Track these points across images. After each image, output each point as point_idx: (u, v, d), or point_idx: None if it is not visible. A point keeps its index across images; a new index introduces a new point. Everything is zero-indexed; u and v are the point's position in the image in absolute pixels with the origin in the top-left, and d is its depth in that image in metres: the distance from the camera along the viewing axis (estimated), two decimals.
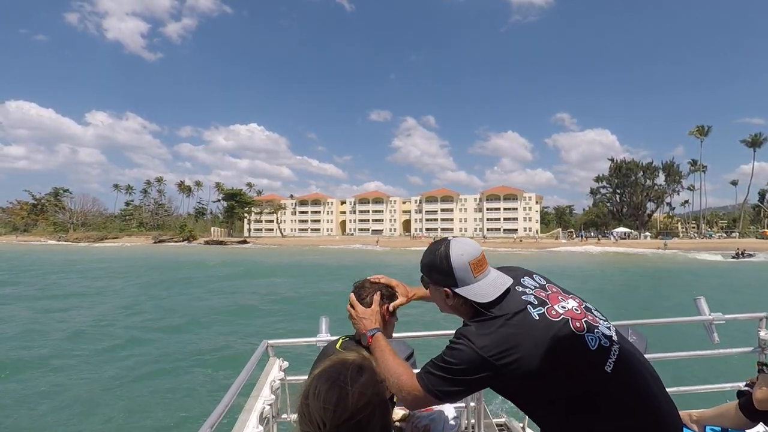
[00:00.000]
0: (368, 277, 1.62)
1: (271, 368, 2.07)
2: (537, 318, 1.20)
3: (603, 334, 1.23)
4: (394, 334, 2.12)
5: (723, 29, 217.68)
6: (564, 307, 1.25)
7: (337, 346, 1.54)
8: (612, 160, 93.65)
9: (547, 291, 1.31)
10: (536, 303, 1.24)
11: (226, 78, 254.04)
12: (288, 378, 2.09)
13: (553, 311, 1.22)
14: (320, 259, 43.18)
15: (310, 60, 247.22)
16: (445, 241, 1.33)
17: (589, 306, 1.32)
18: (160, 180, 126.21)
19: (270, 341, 2.16)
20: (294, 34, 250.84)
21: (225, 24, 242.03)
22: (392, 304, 1.57)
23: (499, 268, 1.39)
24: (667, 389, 1.27)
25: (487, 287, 1.26)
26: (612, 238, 77.10)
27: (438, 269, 1.30)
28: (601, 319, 1.30)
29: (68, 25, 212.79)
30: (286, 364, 2.15)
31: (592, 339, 1.20)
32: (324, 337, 2.13)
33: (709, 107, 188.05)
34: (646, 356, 2.23)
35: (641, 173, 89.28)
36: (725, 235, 79.80)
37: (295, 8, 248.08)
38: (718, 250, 51.60)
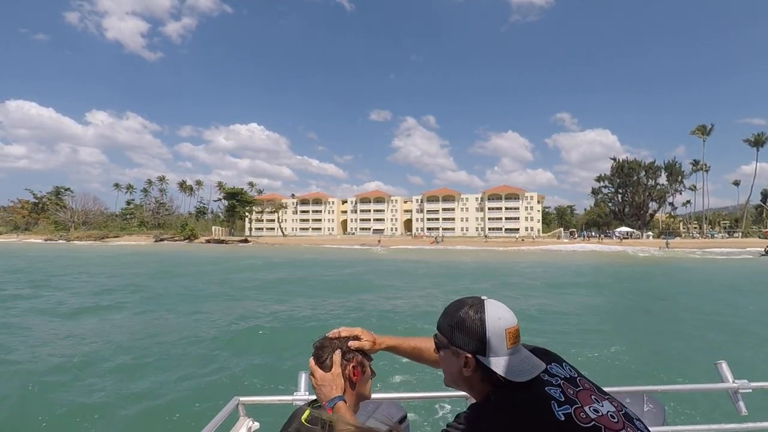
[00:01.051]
0: (327, 334, 1.39)
1: (239, 431, 1.82)
2: (561, 419, 0.95)
3: None
4: (385, 394, 1.93)
5: (723, 30, 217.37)
6: (597, 411, 0.99)
7: (303, 418, 1.28)
8: (614, 159, 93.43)
9: (578, 386, 1.06)
10: (562, 399, 0.99)
11: (226, 78, 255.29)
12: None
13: (582, 414, 0.97)
14: (322, 257, 42.96)
15: (310, 59, 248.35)
16: (478, 301, 1.11)
17: (630, 414, 1.04)
18: (162, 179, 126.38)
19: (242, 398, 1.89)
20: (294, 34, 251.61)
21: (225, 24, 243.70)
22: (351, 343, 1.33)
23: (525, 346, 1.16)
24: None
25: (521, 364, 1.04)
26: (614, 237, 76.98)
27: (466, 330, 1.08)
28: None
29: (68, 25, 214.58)
30: (256, 425, 1.90)
31: None
32: (302, 395, 1.86)
33: (709, 107, 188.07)
34: (665, 428, 2.04)
35: (643, 173, 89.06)
36: (727, 235, 79.59)
37: (295, 8, 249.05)
38: (723, 249, 51.50)
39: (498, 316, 1.06)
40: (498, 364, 1.02)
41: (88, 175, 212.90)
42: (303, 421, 1.28)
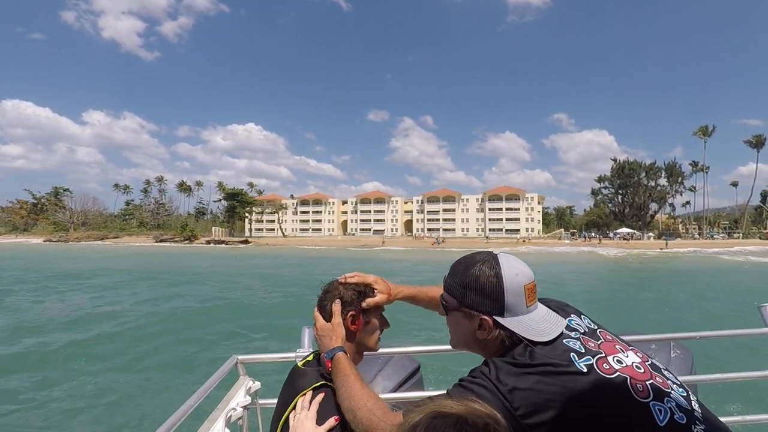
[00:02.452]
0: (338, 278, 1.30)
1: (237, 391, 1.71)
2: (583, 370, 0.88)
3: (678, 405, 0.88)
4: (396, 349, 1.85)
5: (719, 31, 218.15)
6: (621, 362, 0.92)
7: (300, 363, 1.28)
8: (615, 160, 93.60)
9: (599, 338, 0.99)
10: (583, 351, 0.93)
11: (224, 77, 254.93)
12: (259, 401, 1.74)
13: (605, 364, 0.90)
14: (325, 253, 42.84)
15: (308, 59, 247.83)
16: (491, 256, 1.02)
17: (657, 364, 0.97)
18: (160, 179, 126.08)
19: (240, 357, 1.79)
20: (291, 34, 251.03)
21: (222, 23, 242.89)
22: (367, 301, 1.24)
23: (541, 300, 1.09)
24: (725, 419, 0.99)
25: (542, 322, 0.98)
26: (615, 238, 77.11)
27: (480, 289, 0.98)
28: (674, 383, 0.94)
29: (64, 24, 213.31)
30: (257, 384, 1.78)
31: (661, 410, 0.85)
32: (306, 352, 1.71)
33: (706, 109, 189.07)
34: (694, 377, 1.96)
35: (644, 174, 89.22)
36: (727, 236, 79.80)
37: (293, 7, 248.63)
38: (724, 249, 51.67)
39: (515, 272, 0.98)
40: (518, 325, 0.96)
41: (85, 175, 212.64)
42: (299, 365, 1.26)
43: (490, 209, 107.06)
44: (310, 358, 1.29)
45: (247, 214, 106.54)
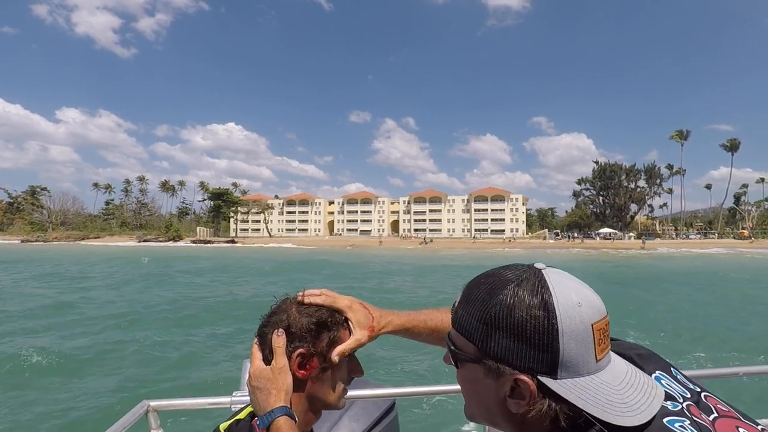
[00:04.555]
0: (299, 293, 0.88)
1: None
2: None
3: None
4: (362, 391, 1.34)
5: (692, 40, 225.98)
6: None
7: (223, 427, 0.86)
8: (596, 162, 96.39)
9: (710, 410, 0.62)
10: None
11: (204, 76, 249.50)
12: None
13: None
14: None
15: (289, 59, 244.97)
16: (533, 273, 0.63)
17: None
18: (142, 179, 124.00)
19: (153, 402, 1.30)
20: (272, 33, 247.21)
21: (201, 21, 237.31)
22: (336, 352, 0.84)
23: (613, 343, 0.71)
24: None
25: (627, 390, 0.59)
26: (597, 238, 79.50)
27: (516, 329, 0.59)
28: None
29: (36, 18, 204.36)
30: None
31: None
32: (244, 396, 1.25)
33: (679, 115, 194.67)
34: None
35: (624, 176, 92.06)
36: (702, 236, 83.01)
37: (273, 6, 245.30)
38: (703, 249, 54.31)
39: (576, 299, 0.59)
40: (584, 393, 0.56)
41: (59, 174, 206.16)
42: (222, 430, 0.85)
43: (476, 210, 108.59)
44: (242, 415, 0.87)
45: (232, 214, 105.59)
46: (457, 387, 0.68)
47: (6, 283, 19.56)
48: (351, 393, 1.10)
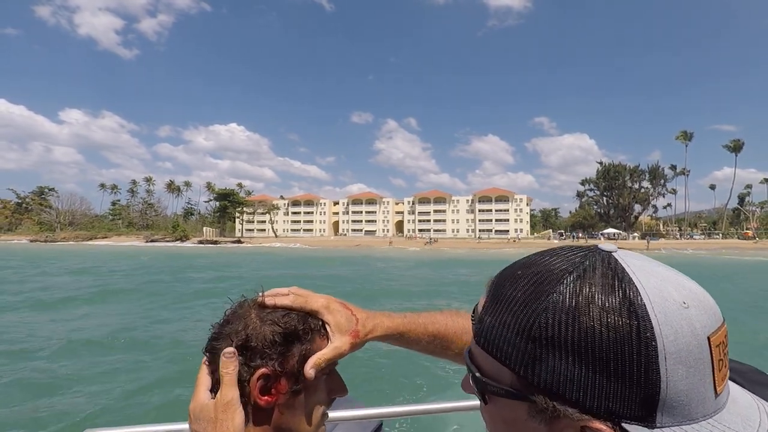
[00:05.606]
0: (259, 293, 0.68)
1: None
2: None
3: None
4: (346, 411, 1.11)
5: (695, 39, 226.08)
6: None
7: None
8: (601, 163, 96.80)
9: None
10: None
11: (205, 77, 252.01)
12: None
13: None
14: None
15: (290, 59, 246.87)
16: (599, 256, 0.41)
17: None
18: (149, 180, 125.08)
19: (94, 431, 1.06)
20: (273, 33, 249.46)
21: (203, 22, 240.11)
22: (310, 364, 0.64)
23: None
24: None
25: None
26: (601, 239, 79.87)
27: (585, 349, 0.36)
28: None
29: (39, 19, 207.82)
30: None
31: None
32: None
33: (681, 115, 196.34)
34: None
35: (628, 176, 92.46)
36: (706, 236, 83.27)
37: (275, 7, 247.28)
38: (708, 250, 54.78)
39: (679, 298, 0.37)
40: None
41: (63, 175, 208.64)
42: None
43: (480, 210, 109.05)
44: None
45: (238, 215, 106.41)
46: (454, 404, 0.50)
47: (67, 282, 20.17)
48: (332, 415, 0.95)
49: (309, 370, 0.63)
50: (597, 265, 0.39)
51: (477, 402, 0.40)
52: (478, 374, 0.43)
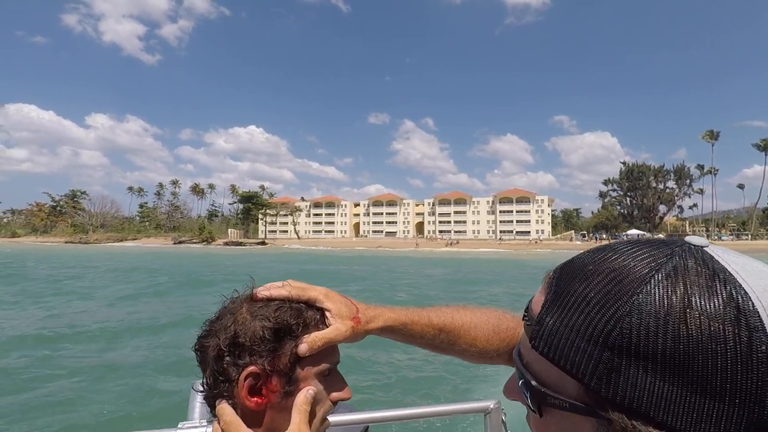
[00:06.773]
0: (257, 289, 0.63)
1: None
2: None
3: None
4: (338, 416, 1.00)
5: (721, 33, 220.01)
6: None
7: None
8: (624, 163, 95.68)
9: None
10: None
11: (225, 80, 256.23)
12: None
13: None
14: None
15: (307, 61, 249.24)
16: (689, 251, 0.34)
17: None
18: (175, 182, 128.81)
19: None
20: (291, 36, 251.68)
21: (222, 26, 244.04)
22: (307, 342, 0.58)
23: None
24: None
25: None
26: (625, 239, 78.96)
27: (681, 362, 0.29)
28: None
29: (65, 27, 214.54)
30: None
31: None
32: (189, 428, 0.94)
33: (708, 111, 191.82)
34: None
35: (653, 176, 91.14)
36: (735, 237, 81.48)
37: (293, 10, 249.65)
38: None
39: None
40: None
41: (90, 178, 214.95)
42: None
43: (500, 211, 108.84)
44: None
45: (261, 216, 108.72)
46: (444, 408, 0.46)
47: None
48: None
49: (302, 346, 0.58)
50: (689, 262, 0.33)
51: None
52: (535, 383, 0.38)
